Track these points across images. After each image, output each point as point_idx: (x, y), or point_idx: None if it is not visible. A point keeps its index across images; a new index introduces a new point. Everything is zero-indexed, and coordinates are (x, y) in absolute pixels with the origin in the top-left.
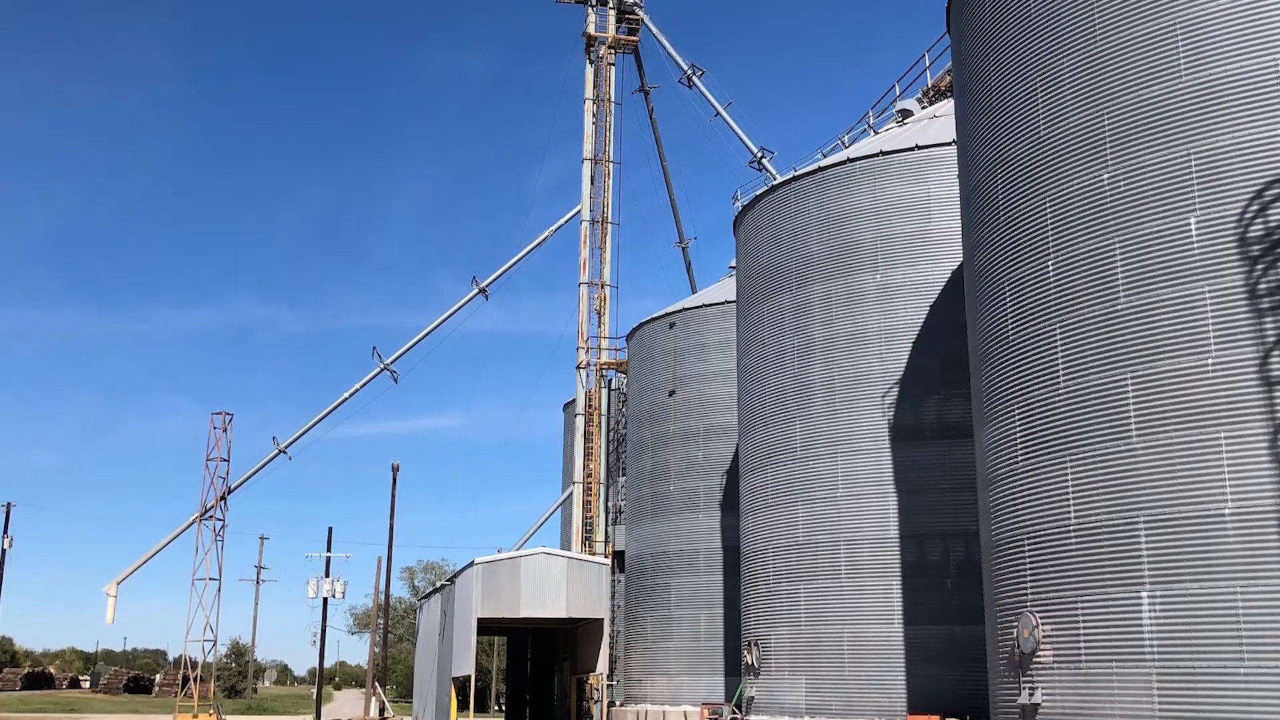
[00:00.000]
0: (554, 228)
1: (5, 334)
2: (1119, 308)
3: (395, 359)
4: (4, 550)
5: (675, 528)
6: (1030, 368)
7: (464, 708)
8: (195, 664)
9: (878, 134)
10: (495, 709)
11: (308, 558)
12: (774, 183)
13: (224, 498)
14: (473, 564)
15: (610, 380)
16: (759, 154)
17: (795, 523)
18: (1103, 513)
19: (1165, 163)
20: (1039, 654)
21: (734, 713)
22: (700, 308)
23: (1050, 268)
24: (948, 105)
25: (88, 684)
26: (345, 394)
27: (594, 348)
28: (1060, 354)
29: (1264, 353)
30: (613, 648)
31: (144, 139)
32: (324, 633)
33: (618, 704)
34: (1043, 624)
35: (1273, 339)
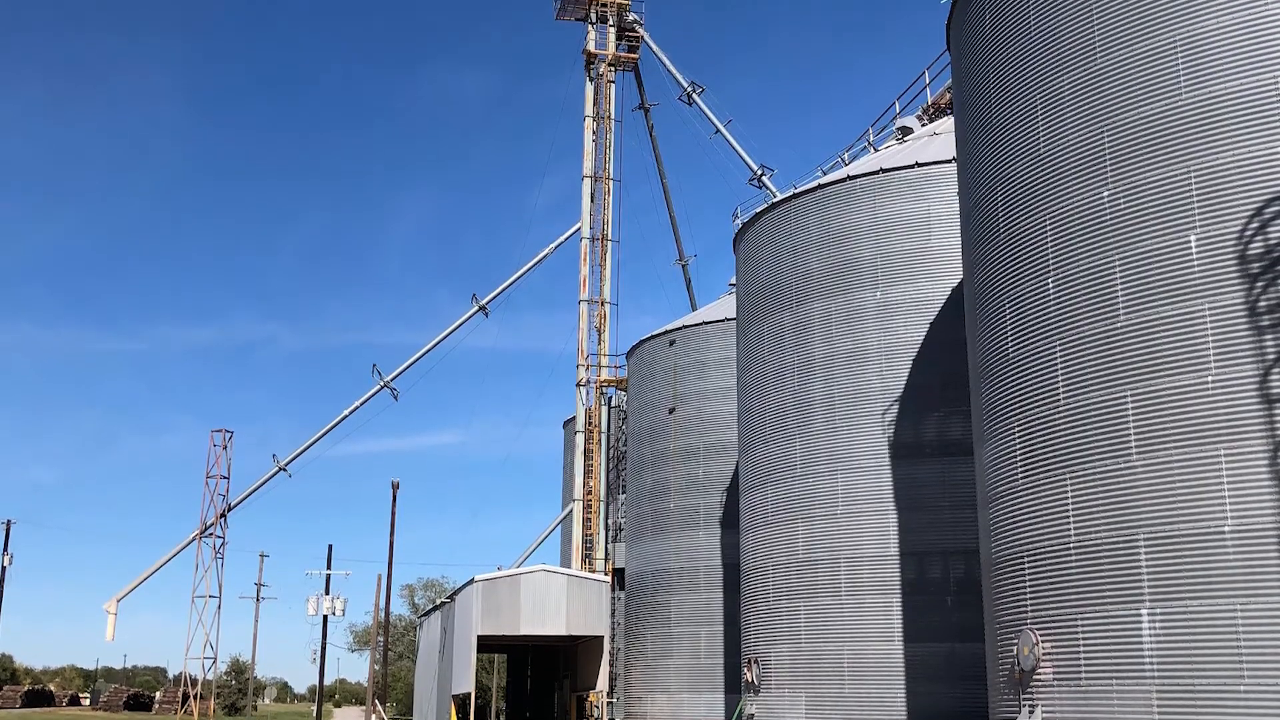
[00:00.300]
0: (554, 245)
1: (6, 351)
2: (1119, 325)
3: (395, 376)
4: (4, 567)
5: (675, 545)
6: (1030, 385)
7: None
8: (195, 681)
9: (878, 151)
10: None
11: (308, 575)
12: (774, 200)
13: (224, 515)
14: (473, 581)
15: (610, 397)
16: (759, 171)
17: (795, 540)
18: (1102, 530)
19: (1165, 180)
20: (1039, 671)
21: None
22: (700, 325)
23: (1050, 285)
24: (948, 122)
25: (88, 701)
26: (345, 411)
27: (594, 365)
28: (1060, 371)
29: (1264, 370)
30: (613, 665)
31: (144, 159)
32: (324, 650)
33: None
34: (1043, 641)
35: (1273, 356)
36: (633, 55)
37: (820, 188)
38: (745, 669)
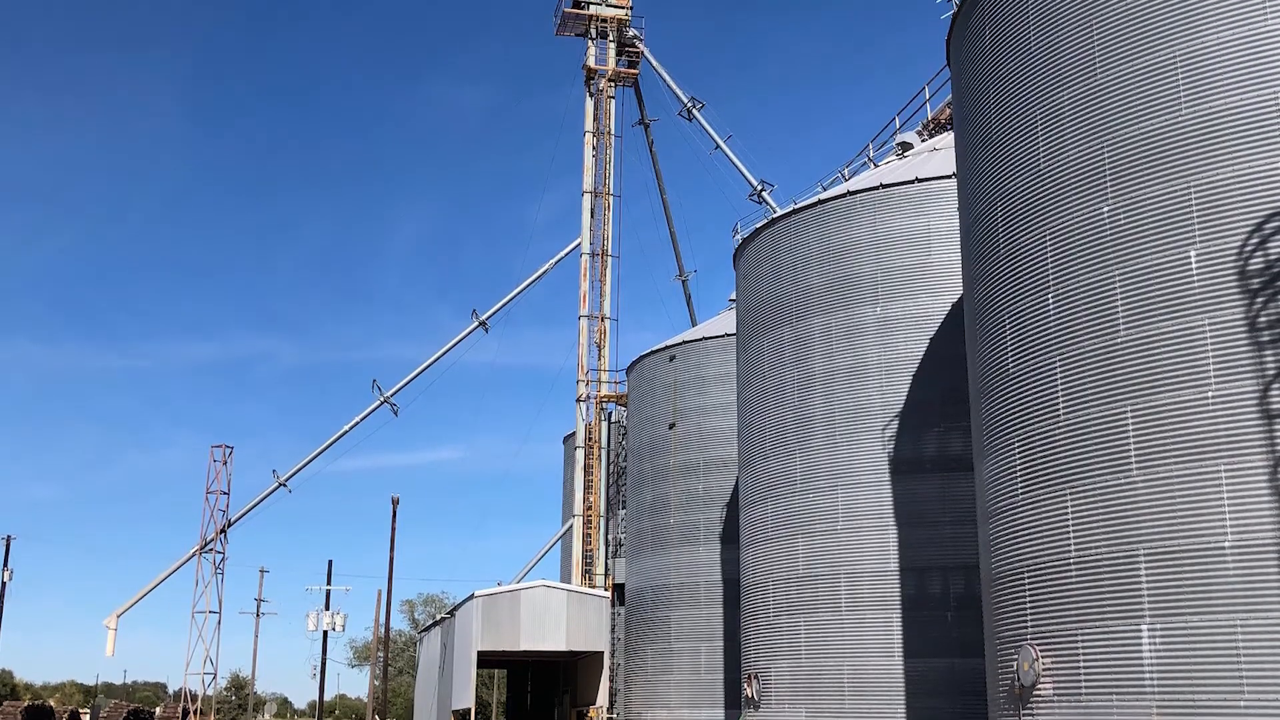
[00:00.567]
0: (554, 261)
1: (5, 368)
2: (1119, 340)
3: (395, 392)
4: (4, 583)
5: (675, 560)
6: (1030, 401)
7: None
8: (195, 697)
9: (878, 167)
10: None
11: (308, 590)
12: (774, 215)
13: (224, 530)
14: (473, 597)
15: (610, 413)
16: (759, 187)
17: (795, 555)
18: (1103, 545)
19: (1165, 195)
20: (1039, 687)
21: None
22: (700, 340)
23: (1050, 300)
24: (948, 138)
25: (88, 717)
26: (346, 427)
27: (594, 380)
28: (1060, 387)
29: (1264, 386)
30: (613, 680)
31: (144, 174)
32: (324, 665)
33: None
34: (1043, 657)
35: (1273, 372)
36: (633, 71)
37: (820, 203)
38: (745, 684)
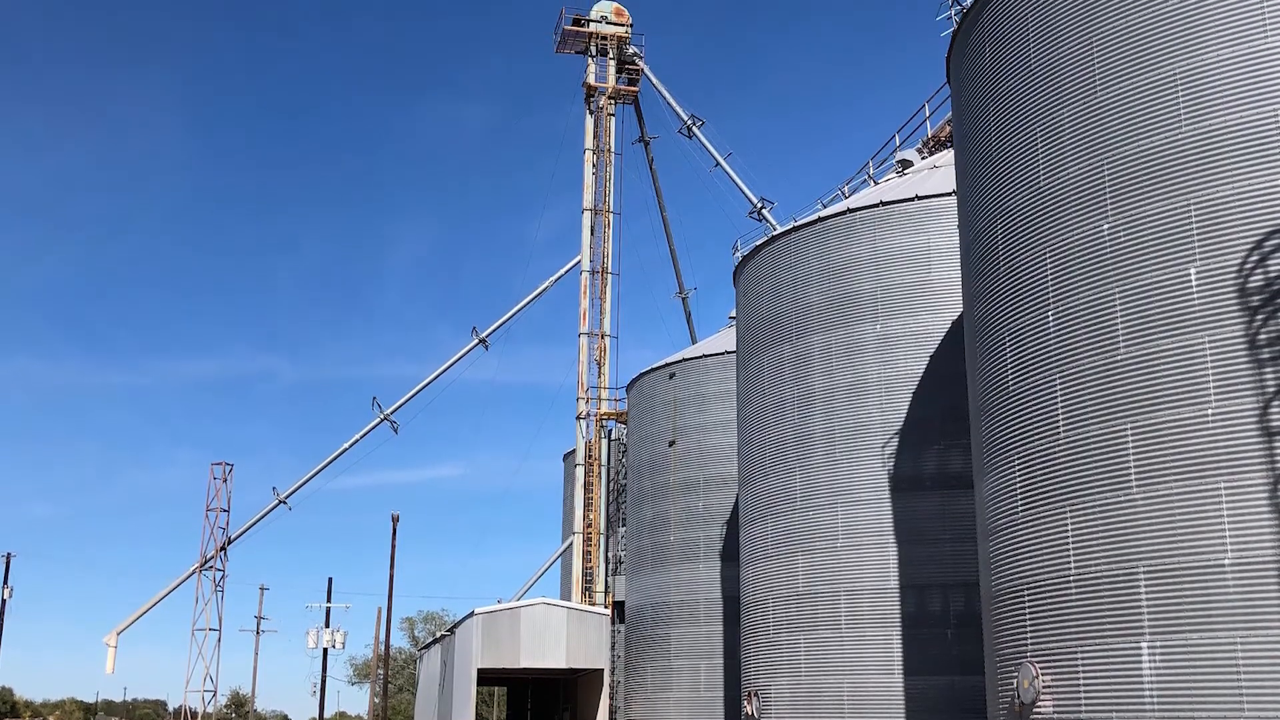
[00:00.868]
0: (554, 278)
1: (5, 385)
2: (1119, 358)
3: (395, 409)
4: (4, 600)
5: (675, 578)
6: (1030, 418)
7: None
8: (195, 714)
9: (878, 184)
10: None
11: (308, 608)
12: (774, 233)
13: (224, 548)
14: (473, 614)
15: (610, 430)
16: (759, 204)
17: (795, 573)
18: (1103, 563)
19: (1165, 213)
20: (1039, 704)
21: None
22: (700, 358)
23: (1050, 318)
24: (948, 155)
25: None
26: (345, 444)
27: (594, 398)
28: (1060, 404)
29: (1264, 403)
30: (613, 698)
31: (144, 191)
32: (324, 683)
33: None
34: (1043, 674)
35: (1273, 389)
36: (633, 88)
37: (820, 221)
38: (745, 702)
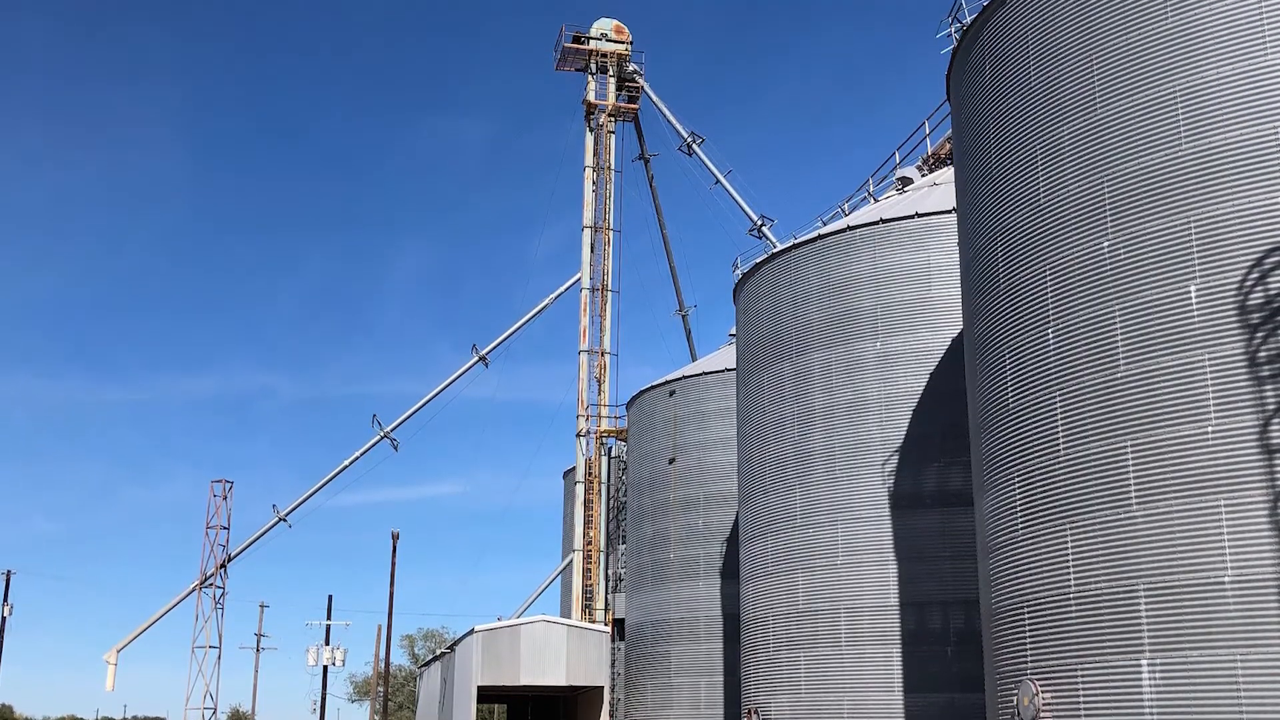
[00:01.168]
0: (554, 295)
1: (6, 401)
2: (1119, 375)
3: (395, 427)
4: (4, 618)
5: (675, 595)
6: (1030, 435)
7: None
8: None
9: (878, 201)
10: None
11: (308, 625)
12: (774, 250)
13: (224, 565)
14: (473, 632)
15: (610, 448)
16: (759, 221)
17: (795, 590)
18: (1102, 580)
19: (1165, 230)
20: None
21: None
22: (700, 375)
23: (1050, 335)
24: (948, 173)
25: None
26: (345, 462)
27: (594, 415)
28: (1060, 422)
29: (1264, 421)
30: (613, 715)
31: (144, 208)
32: (324, 700)
33: None
34: (1043, 692)
35: (1273, 407)
36: (633, 105)
37: (820, 238)
38: (745, 719)
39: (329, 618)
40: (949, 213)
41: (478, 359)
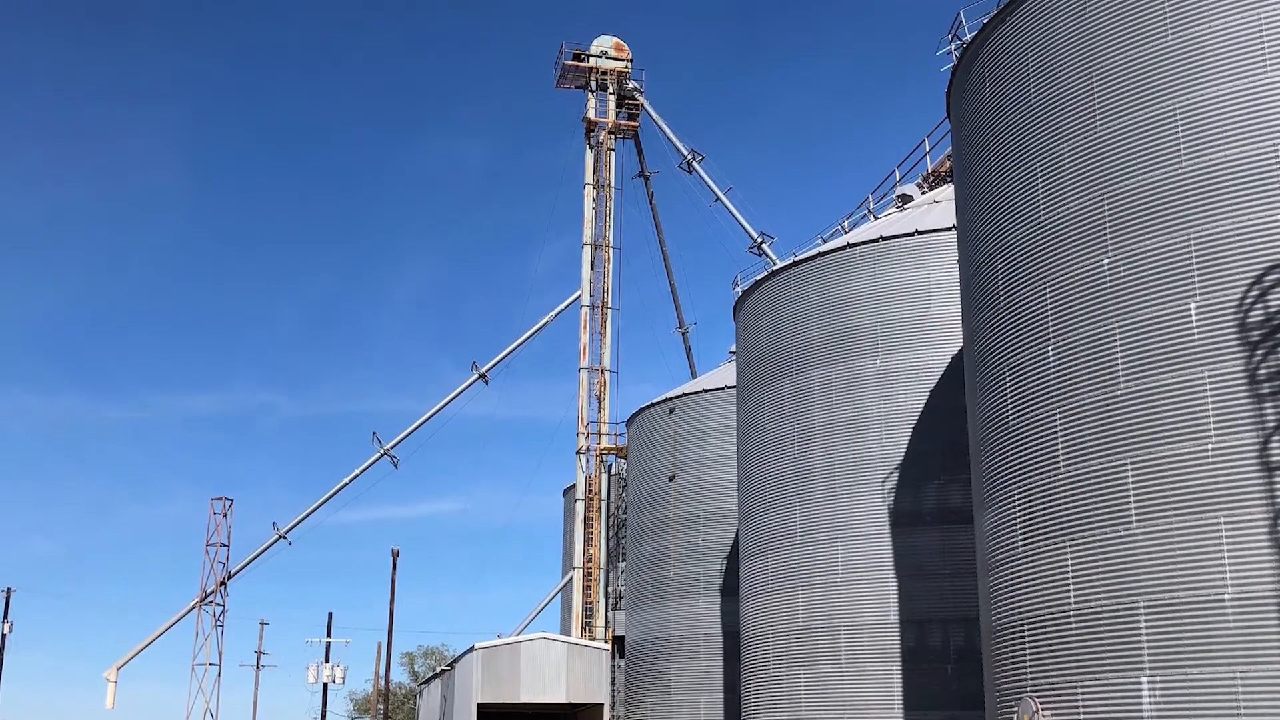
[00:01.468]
0: (554, 313)
1: (4, 419)
2: (1119, 393)
3: (395, 444)
4: (4, 635)
5: (675, 613)
6: (1030, 453)
7: None
8: None
9: (878, 219)
10: None
11: (308, 643)
12: (774, 268)
13: (224, 583)
14: (473, 649)
15: (610, 465)
16: (759, 239)
17: (795, 608)
18: (1103, 598)
19: (1165, 248)
20: None
21: None
22: (700, 393)
23: (1050, 353)
24: (948, 190)
25: None
26: (345, 479)
27: (594, 433)
28: (1060, 439)
29: (1264, 438)
30: None
31: (143, 225)
32: (324, 718)
33: None
34: (1043, 709)
35: (1273, 424)
36: (633, 123)
37: (820, 255)
38: None
39: (329, 635)
40: (949, 230)
41: (478, 376)
